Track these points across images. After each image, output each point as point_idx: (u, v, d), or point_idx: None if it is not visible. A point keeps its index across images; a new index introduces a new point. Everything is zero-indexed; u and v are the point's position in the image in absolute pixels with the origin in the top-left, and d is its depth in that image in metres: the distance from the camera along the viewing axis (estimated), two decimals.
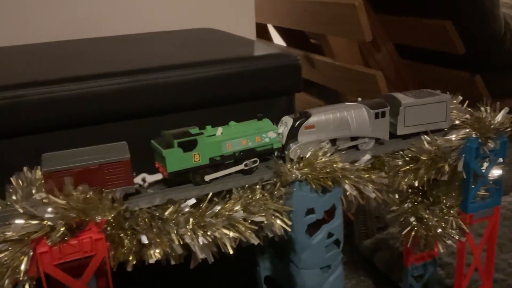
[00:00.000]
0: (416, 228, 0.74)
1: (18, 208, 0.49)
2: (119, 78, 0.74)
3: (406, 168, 0.69)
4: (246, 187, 0.61)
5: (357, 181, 0.64)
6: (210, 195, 0.59)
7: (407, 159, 0.69)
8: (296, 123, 0.64)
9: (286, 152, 0.64)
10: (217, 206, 0.58)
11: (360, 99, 0.71)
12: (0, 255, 0.48)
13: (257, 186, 0.61)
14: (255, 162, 0.63)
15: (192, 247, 0.56)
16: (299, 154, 0.63)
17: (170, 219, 0.55)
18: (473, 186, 0.72)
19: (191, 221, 0.56)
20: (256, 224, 0.59)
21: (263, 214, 0.59)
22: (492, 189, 0.75)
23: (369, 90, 1.34)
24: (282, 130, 0.65)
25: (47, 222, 0.48)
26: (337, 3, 1.35)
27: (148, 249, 0.54)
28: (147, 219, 0.55)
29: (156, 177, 0.59)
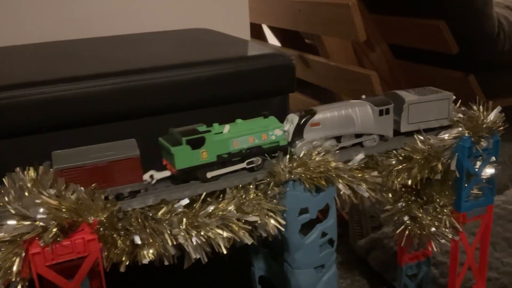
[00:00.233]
0: (410, 227, 0.74)
1: (10, 209, 0.49)
2: (113, 79, 0.74)
3: (400, 167, 0.69)
4: (240, 187, 0.61)
5: (351, 181, 0.64)
6: (204, 195, 0.59)
7: (401, 158, 0.70)
8: (302, 121, 0.65)
9: (292, 150, 0.64)
10: (211, 206, 0.58)
11: (364, 97, 0.72)
12: None
13: (251, 186, 0.61)
14: (259, 160, 0.63)
15: (186, 248, 0.55)
16: (305, 151, 0.64)
17: (164, 220, 0.55)
18: (466, 185, 0.73)
19: (185, 221, 0.56)
20: (250, 224, 0.59)
21: (257, 214, 0.59)
22: (485, 188, 0.75)
23: (364, 90, 1.34)
24: (288, 128, 0.65)
25: (39, 223, 0.48)
26: (331, 4, 1.35)
27: (142, 250, 0.54)
28: (140, 220, 0.55)
29: (164, 174, 0.60)
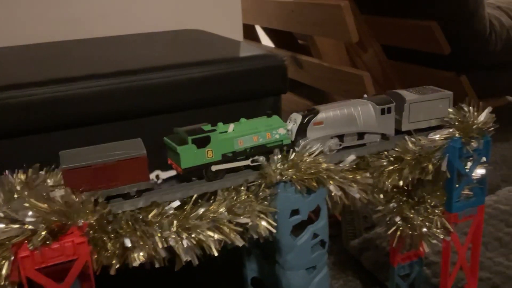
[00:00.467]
0: (402, 228, 0.74)
1: None
2: (105, 80, 0.74)
3: (391, 168, 0.69)
4: (231, 189, 0.61)
5: (342, 182, 0.64)
6: (195, 197, 0.59)
7: (392, 159, 0.70)
8: (305, 120, 0.65)
9: (296, 148, 0.64)
10: (201, 208, 0.58)
11: (366, 96, 0.72)
12: None
13: (242, 188, 0.61)
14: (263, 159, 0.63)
15: (176, 250, 0.55)
16: (309, 150, 0.64)
17: (154, 222, 0.55)
18: (457, 186, 0.73)
19: (175, 224, 0.56)
20: (241, 226, 0.59)
21: (248, 216, 0.59)
22: (476, 188, 0.75)
23: (356, 91, 1.35)
24: (291, 127, 0.65)
25: (28, 226, 0.47)
26: (324, 4, 1.35)
27: (132, 252, 0.53)
28: (131, 222, 0.54)
29: (170, 174, 0.60)
